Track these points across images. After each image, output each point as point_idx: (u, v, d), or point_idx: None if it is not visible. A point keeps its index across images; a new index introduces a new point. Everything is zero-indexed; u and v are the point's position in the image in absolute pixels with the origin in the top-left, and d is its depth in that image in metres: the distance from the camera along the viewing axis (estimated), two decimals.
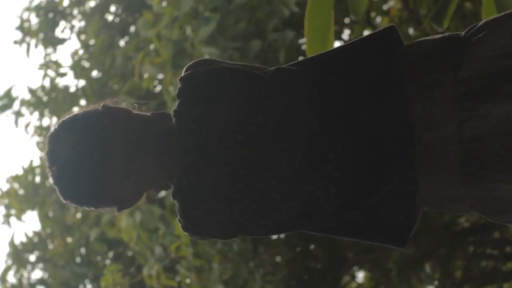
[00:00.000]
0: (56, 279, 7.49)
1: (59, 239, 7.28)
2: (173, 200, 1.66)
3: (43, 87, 7.59)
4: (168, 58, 5.50)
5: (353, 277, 8.24)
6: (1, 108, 7.53)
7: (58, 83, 7.61)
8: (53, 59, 7.79)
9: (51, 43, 7.74)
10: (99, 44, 7.15)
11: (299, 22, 5.76)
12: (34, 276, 7.85)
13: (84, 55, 7.50)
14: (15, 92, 7.86)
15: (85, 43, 7.59)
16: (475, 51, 1.58)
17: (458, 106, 1.55)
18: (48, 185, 7.26)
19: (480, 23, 1.62)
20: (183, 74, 1.71)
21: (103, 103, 1.70)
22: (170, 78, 5.51)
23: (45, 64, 7.69)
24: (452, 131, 1.55)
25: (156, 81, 6.50)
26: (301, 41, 6.58)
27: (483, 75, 1.55)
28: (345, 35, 7.59)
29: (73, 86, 7.67)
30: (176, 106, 1.68)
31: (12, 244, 7.58)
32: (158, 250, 5.84)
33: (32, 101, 7.51)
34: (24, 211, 7.50)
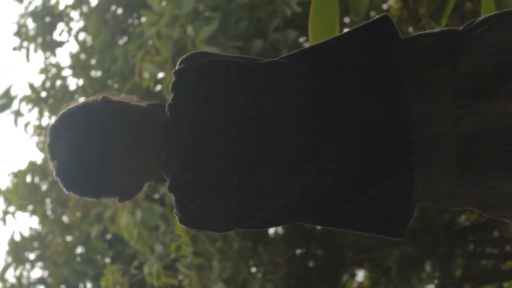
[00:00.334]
0: (56, 277, 7.49)
1: (58, 238, 7.28)
2: (169, 194, 1.66)
3: (43, 85, 7.60)
4: (168, 56, 5.48)
5: (353, 276, 8.23)
6: (1, 107, 7.53)
7: (58, 84, 7.62)
8: (53, 62, 7.81)
9: (50, 47, 7.74)
10: (99, 42, 7.15)
11: (301, 21, 5.76)
12: (34, 275, 7.86)
13: (84, 54, 7.50)
14: (14, 92, 7.86)
15: (84, 44, 7.58)
16: (474, 46, 1.57)
17: (456, 103, 1.54)
18: (46, 185, 7.27)
19: (479, 19, 1.61)
20: (177, 67, 1.69)
21: (102, 95, 1.70)
22: (170, 77, 5.49)
23: (46, 69, 7.70)
24: (449, 128, 1.54)
25: (156, 80, 6.50)
26: (303, 40, 6.58)
27: (482, 72, 1.54)
28: None
29: (72, 84, 7.69)
30: (171, 100, 1.67)
31: (12, 242, 7.57)
32: (158, 248, 5.84)
33: (32, 97, 7.50)
34: (24, 208, 7.49)
